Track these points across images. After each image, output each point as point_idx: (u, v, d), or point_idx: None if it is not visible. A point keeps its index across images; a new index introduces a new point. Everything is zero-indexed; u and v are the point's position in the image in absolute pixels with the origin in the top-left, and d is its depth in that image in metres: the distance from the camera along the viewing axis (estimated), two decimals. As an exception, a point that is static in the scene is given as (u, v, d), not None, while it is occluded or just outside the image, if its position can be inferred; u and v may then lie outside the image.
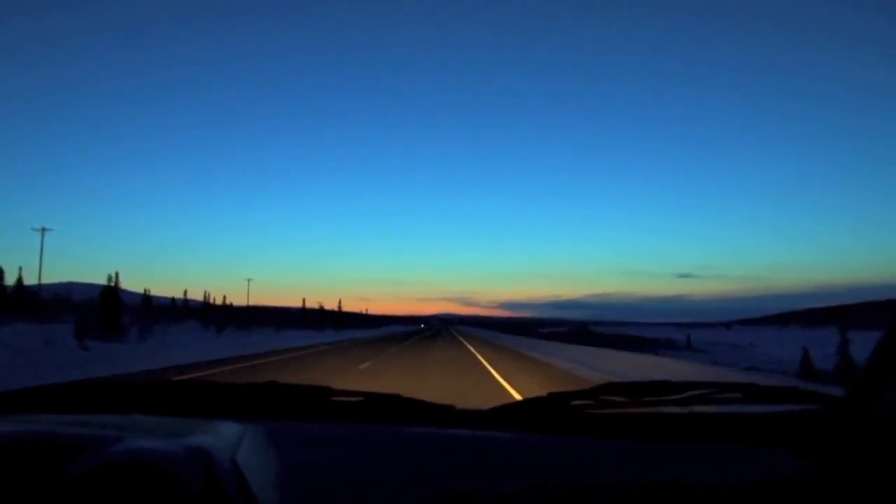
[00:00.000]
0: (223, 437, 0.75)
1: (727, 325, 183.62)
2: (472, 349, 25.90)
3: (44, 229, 45.84)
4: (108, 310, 31.69)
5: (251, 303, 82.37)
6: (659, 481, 0.75)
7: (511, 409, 1.03)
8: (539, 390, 1.62)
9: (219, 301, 71.76)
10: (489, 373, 14.61)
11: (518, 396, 8.76)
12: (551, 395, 1.05)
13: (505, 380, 12.66)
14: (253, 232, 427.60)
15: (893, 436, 0.71)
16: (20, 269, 52.28)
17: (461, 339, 40.92)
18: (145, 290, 62.25)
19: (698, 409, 1.01)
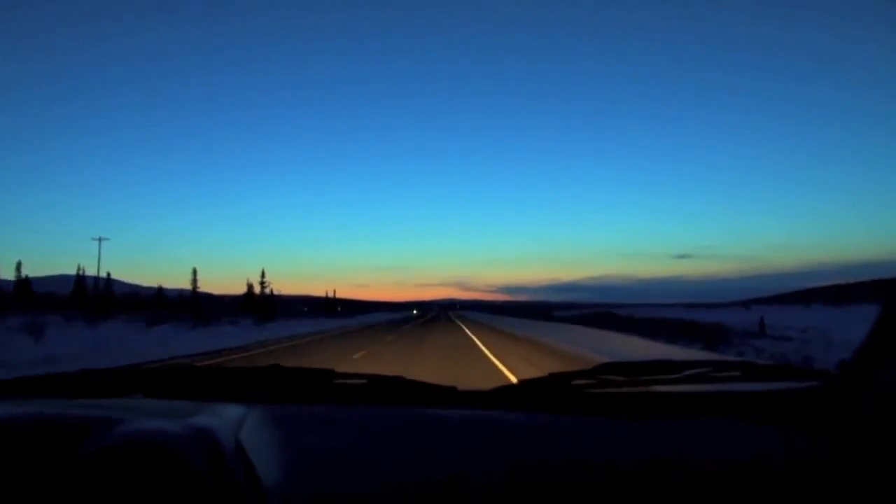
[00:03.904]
0: (227, 418, 0.77)
1: (746, 305, 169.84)
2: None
3: None
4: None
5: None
6: (659, 458, 0.76)
7: (513, 390, 1.04)
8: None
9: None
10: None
11: None
12: (552, 375, 1.05)
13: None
14: (249, 220, 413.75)
15: (888, 412, 0.72)
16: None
17: (472, 335, 23.61)
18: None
19: (697, 387, 1.02)
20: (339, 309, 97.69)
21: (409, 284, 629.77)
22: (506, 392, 1.03)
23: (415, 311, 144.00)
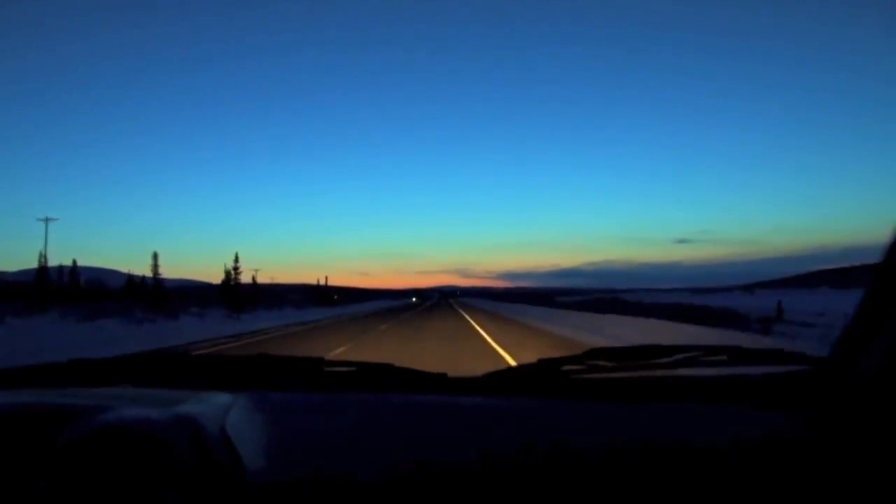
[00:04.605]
0: (213, 405, 0.78)
1: (749, 289, 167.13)
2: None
3: None
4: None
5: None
6: (647, 442, 0.77)
7: (502, 376, 1.05)
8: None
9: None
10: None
11: None
12: (542, 361, 1.06)
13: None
14: (249, 209, 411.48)
15: (875, 394, 0.74)
16: None
17: (484, 332, 18.46)
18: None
19: (686, 371, 1.03)
20: (335, 297, 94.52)
21: (410, 272, 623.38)
22: (496, 378, 1.03)
23: (414, 299, 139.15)
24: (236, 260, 59.62)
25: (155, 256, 52.84)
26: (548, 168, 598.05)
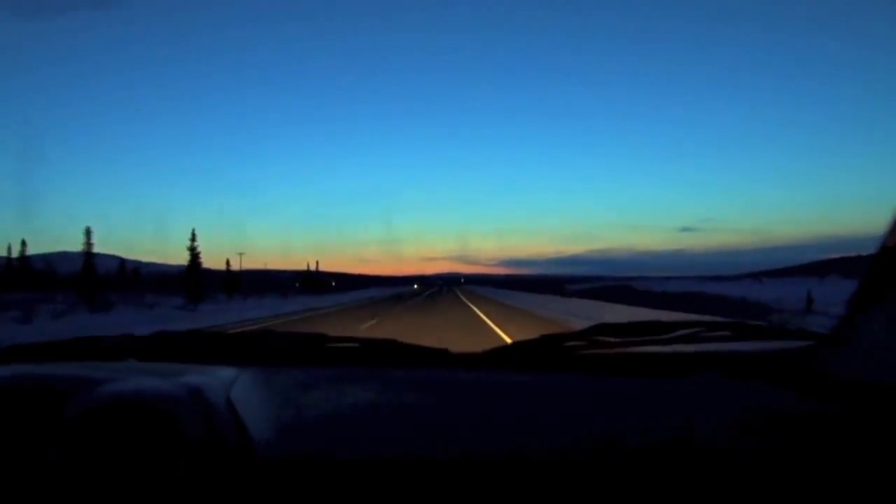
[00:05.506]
0: (218, 378, 0.80)
1: (758, 278, 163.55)
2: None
3: None
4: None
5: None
6: (649, 416, 0.78)
7: (505, 351, 1.06)
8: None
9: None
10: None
11: None
12: (544, 337, 1.07)
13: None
14: (247, 193, 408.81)
15: (874, 370, 0.75)
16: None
17: None
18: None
19: (689, 347, 1.04)
20: (333, 284, 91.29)
21: (412, 259, 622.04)
22: (498, 354, 1.04)
23: (416, 286, 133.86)
24: (193, 238, 43.89)
25: (88, 233, 40.87)
26: (551, 155, 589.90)
